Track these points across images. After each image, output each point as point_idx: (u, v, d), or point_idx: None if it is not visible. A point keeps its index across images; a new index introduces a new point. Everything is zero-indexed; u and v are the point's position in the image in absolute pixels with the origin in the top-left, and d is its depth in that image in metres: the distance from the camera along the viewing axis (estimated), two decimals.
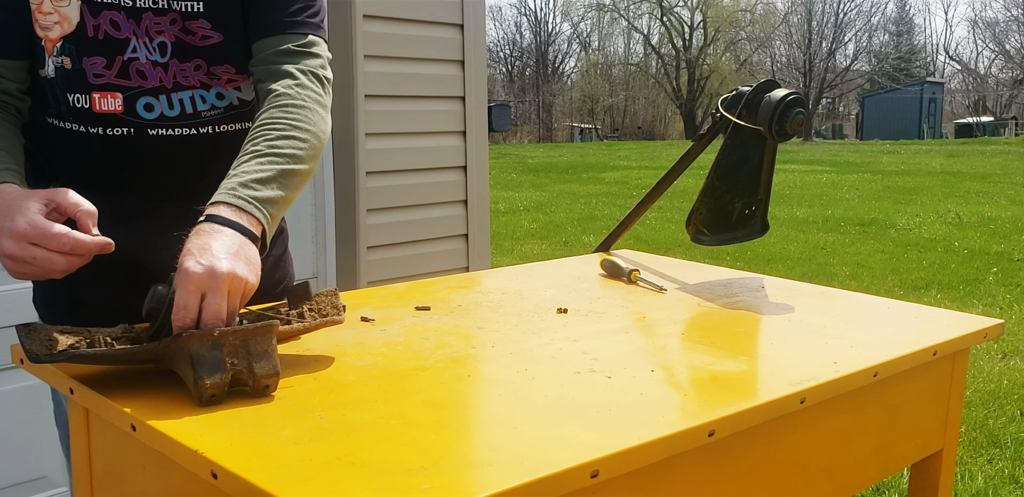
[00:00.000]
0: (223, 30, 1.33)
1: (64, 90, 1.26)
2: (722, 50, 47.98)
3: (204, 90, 1.34)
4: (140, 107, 1.30)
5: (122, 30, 1.26)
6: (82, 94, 1.26)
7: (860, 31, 46.87)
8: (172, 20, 1.30)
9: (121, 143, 1.29)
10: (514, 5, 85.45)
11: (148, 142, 1.31)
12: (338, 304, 1.21)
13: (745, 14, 47.36)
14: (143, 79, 1.29)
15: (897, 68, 46.51)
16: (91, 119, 1.27)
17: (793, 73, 43.54)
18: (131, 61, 1.28)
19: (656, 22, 48.78)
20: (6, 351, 1.28)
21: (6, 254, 1.04)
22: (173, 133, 1.32)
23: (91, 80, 1.26)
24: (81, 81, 1.26)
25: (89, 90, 1.26)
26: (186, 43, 1.31)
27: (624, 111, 48.12)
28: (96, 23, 1.25)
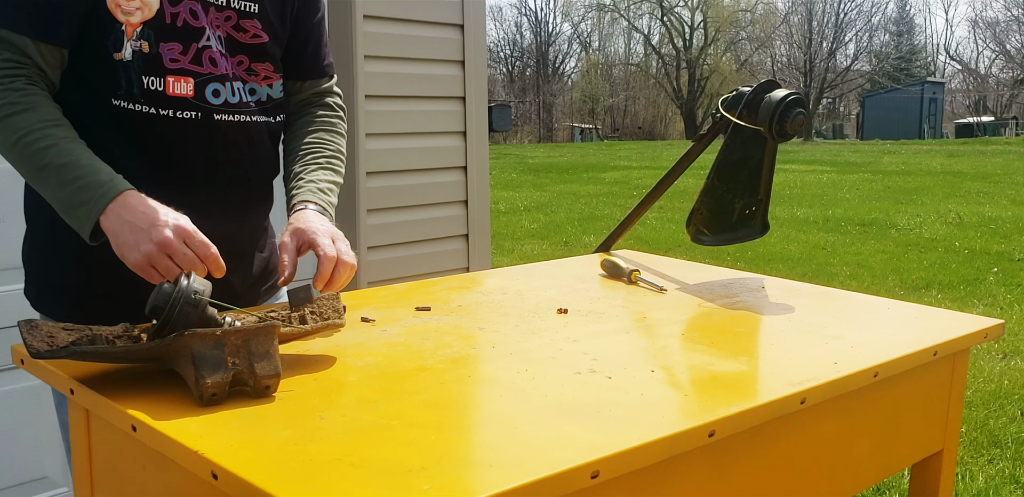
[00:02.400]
0: (270, 32, 1.45)
1: (140, 73, 1.32)
2: (722, 50, 47.99)
3: (241, 83, 1.43)
4: (208, 93, 1.37)
5: (199, 19, 1.35)
6: (157, 77, 1.32)
7: (860, 31, 46.90)
8: (228, 17, 1.39)
9: (189, 126, 1.36)
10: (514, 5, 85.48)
11: (213, 127, 1.39)
12: (339, 307, 1.21)
13: (745, 14, 47.36)
14: (214, 66, 1.38)
15: (898, 68, 46.51)
16: (163, 102, 1.34)
17: (793, 73, 43.54)
18: (204, 49, 1.36)
19: (656, 22, 48.82)
20: (6, 352, 1.29)
21: (161, 242, 1.16)
22: (233, 119, 1.41)
23: (167, 64, 1.33)
24: (157, 65, 1.32)
25: (164, 74, 1.33)
26: (235, 39, 1.41)
27: (624, 111, 48.12)
28: (175, 11, 1.33)
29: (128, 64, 1.31)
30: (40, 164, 1.22)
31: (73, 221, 1.23)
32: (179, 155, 1.38)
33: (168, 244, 1.16)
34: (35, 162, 1.22)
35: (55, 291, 1.44)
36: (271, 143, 1.51)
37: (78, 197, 1.21)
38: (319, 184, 1.46)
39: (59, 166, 1.21)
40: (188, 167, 1.39)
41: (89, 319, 1.18)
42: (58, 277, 1.42)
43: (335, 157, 1.54)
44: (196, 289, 1.05)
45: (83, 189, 1.21)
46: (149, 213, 1.19)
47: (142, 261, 1.17)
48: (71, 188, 1.21)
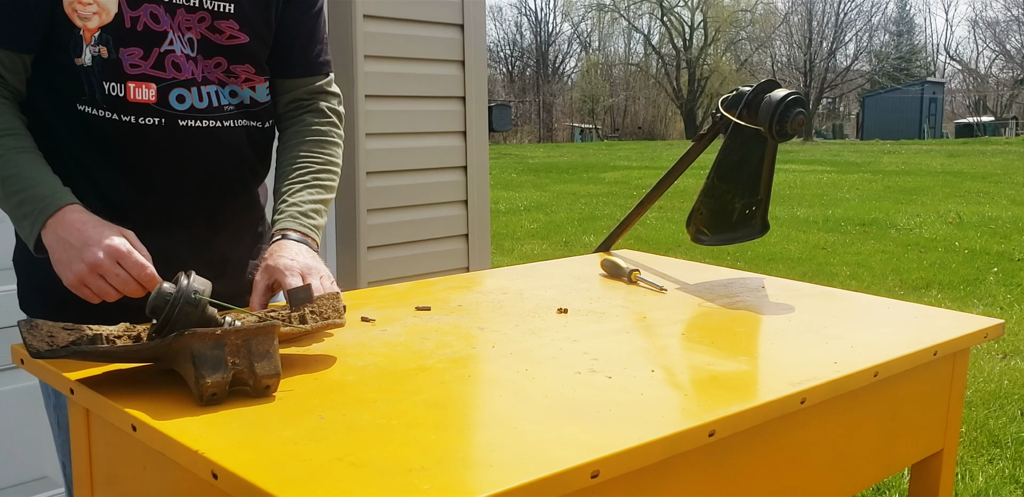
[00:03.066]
0: (250, 32, 1.40)
1: (100, 78, 1.29)
2: (722, 50, 47.98)
3: (220, 87, 1.39)
4: (173, 98, 1.34)
5: (161, 23, 1.31)
6: (117, 83, 1.30)
7: (860, 31, 46.89)
8: (201, 18, 1.35)
9: (152, 133, 1.33)
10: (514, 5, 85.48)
11: (178, 133, 1.36)
12: (339, 307, 1.21)
13: (745, 14, 47.35)
14: (177, 71, 1.34)
15: (897, 68, 46.49)
16: (125, 108, 1.31)
17: (793, 73, 43.53)
18: (167, 53, 1.33)
19: (656, 22, 48.81)
20: (6, 351, 1.29)
21: (93, 263, 1.13)
22: (201, 124, 1.37)
23: (127, 70, 1.30)
24: (117, 70, 1.29)
25: (124, 79, 1.30)
26: (211, 41, 1.37)
27: (624, 111, 48.11)
28: (135, 15, 1.29)
29: (89, 69, 1.29)
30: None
31: (21, 233, 1.23)
32: (145, 161, 1.36)
33: (99, 265, 1.14)
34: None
35: (38, 292, 1.41)
36: (253, 149, 1.47)
37: (20, 210, 1.20)
38: (301, 207, 1.40)
39: (4, 178, 1.20)
40: (155, 173, 1.37)
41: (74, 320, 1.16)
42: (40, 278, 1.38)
43: (324, 171, 1.47)
44: (196, 289, 1.05)
45: (24, 202, 1.20)
46: (85, 231, 1.16)
47: (74, 281, 1.16)
48: (15, 200, 1.20)
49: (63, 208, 1.19)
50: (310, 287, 1.22)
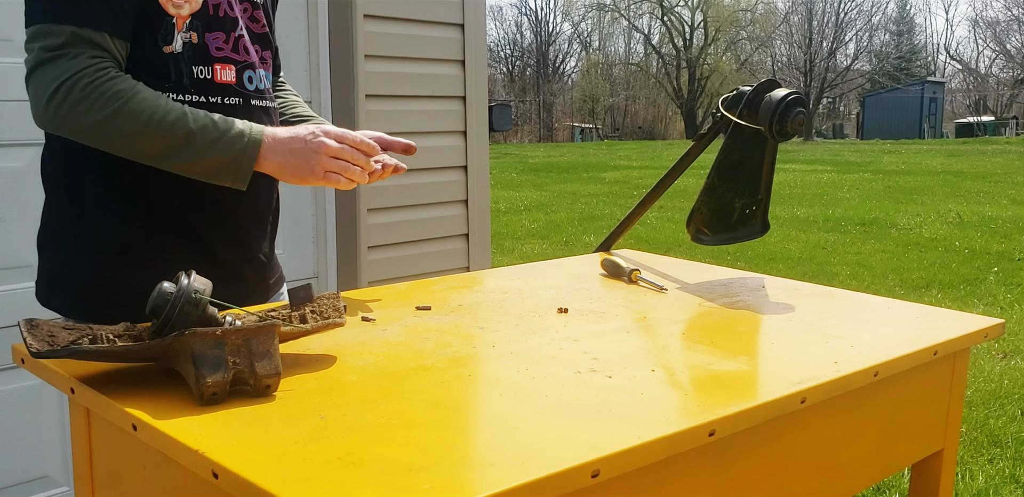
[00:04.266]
0: (270, 23, 1.53)
1: (190, 63, 1.36)
2: (723, 50, 47.98)
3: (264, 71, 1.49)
4: (245, 79, 1.44)
5: (234, 10, 1.42)
6: (205, 66, 1.38)
7: (861, 31, 46.89)
8: (245, 8, 1.46)
9: (231, 112, 1.37)
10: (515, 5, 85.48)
11: (252, 113, 1.43)
12: (339, 306, 1.21)
13: (746, 14, 47.35)
14: (247, 54, 1.45)
15: (898, 68, 46.49)
16: (211, 89, 1.39)
17: (794, 73, 43.53)
18: (239, 38, 1.43)
19: (657, 22, 48.82)
20: (7, 351, 1.29)
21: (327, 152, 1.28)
22: (262, 104, 1.48)
23: (213, 53, 1.39)
24: (205, 54, 1.38)
25: (212, 62, 1.39)
26: (251, 30, 1.47)
27: (625, 111, 48.11)
28: (216, 2, 1.39)
29: (179, 55, 1.35)
30: (181, 134, 1.25)
31: (227, 175, 1.29)
32: None
33: (332, 150, 1.28)
34: (175, 134, 1.25)
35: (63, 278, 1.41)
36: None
37: (229, 151, 1.27)
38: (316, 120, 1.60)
39: (198, 130, 1.26)
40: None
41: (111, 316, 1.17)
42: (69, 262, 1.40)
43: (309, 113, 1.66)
44: (196, 289, 1.05)
45: (232, 142, 1.27)
46: (299, 135, 1.30)
47: (321, 173, 1.29)
48: (219, 146, 1.27)
49: (264, 132, 1.30)
50: (310, 287, 1.23)
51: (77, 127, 1.25)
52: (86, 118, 1.23)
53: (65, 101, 1.23)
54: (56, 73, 1.23)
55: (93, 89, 1.23)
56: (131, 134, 1.25)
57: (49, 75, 1.24)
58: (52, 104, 1.24)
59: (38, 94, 1.26)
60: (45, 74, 1.24)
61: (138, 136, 1.25)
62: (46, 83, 1.24)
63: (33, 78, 1.26)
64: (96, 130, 1.25)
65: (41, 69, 1.25)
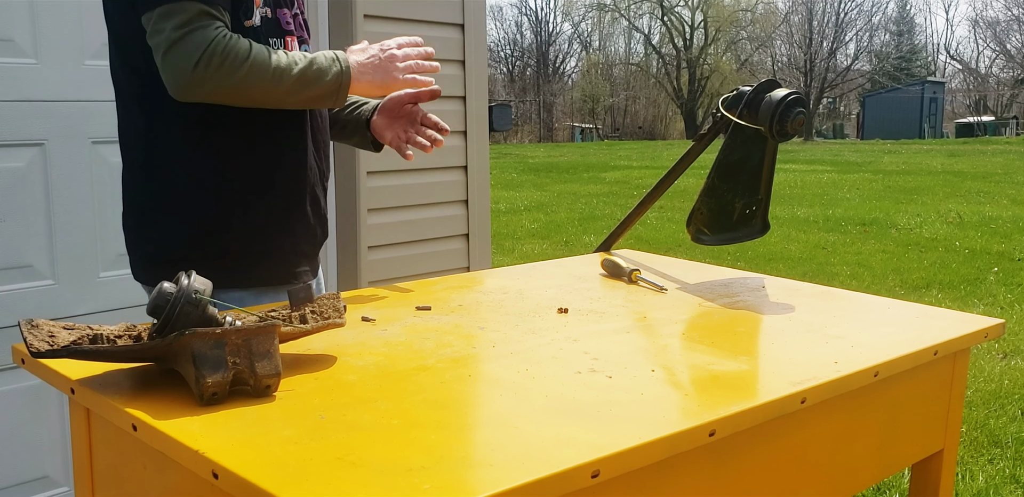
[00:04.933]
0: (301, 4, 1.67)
1: (266, 36, 1.52)
2: (723, 50, 47.97)
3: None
4: (303, 51, 1.57)
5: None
6: (278, 38, 1.55)
7: (861, 30, 46.87)
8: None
9: None
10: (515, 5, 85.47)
11: None
12: (339, 306, 1.21)
13: (746, 14, 47.34)
14: (303, 31, 1.62)
15: (898, 68, 46.47)
16: None
17: (794, 73, 43.51)
18: (297, 15, 1.60)
19: (657, 22, 48.80)
20: (6, 351, 1.29)
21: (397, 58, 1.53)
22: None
23: (284, 27, 1.56)
24: (278, 28, 1.54)
25: (283, 35, 1.56)
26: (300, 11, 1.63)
27: (625, 111, 48.10)
28: None
29: (257, 29, 1.50)
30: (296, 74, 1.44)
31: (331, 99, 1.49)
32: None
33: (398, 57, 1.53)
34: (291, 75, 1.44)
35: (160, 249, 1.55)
36: None
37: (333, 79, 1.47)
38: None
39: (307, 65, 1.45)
40: (305, 116, 1.60)
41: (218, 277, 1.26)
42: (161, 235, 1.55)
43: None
44: (196, 289, 1.05)
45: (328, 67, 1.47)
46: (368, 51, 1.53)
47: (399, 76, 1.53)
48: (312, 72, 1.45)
49: (347, 58, 1.50)
50: (310, 287, 1.23)
51: (224, 86, 1.41)
52: (230, 78, 1.40)
53: (210, 65, 1.38)
54: (196, 44, 1.38)
55: (228, 52, 1.39)
56: (263, 83, 1.42)
57: (190, 47, 1.38)
58: (198, 70, 1.38)
59: (180, 66, 1.38)
60: (185, 46, 1.38)
61: (268, 84, 1.43)
62: (188, 54, 1.38)
63: (171, 53, 1.39)
64: (239, 85, 1.41)
65: (180, 43, 1.38)
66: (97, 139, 2.18)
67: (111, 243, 2.23)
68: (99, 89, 2.17)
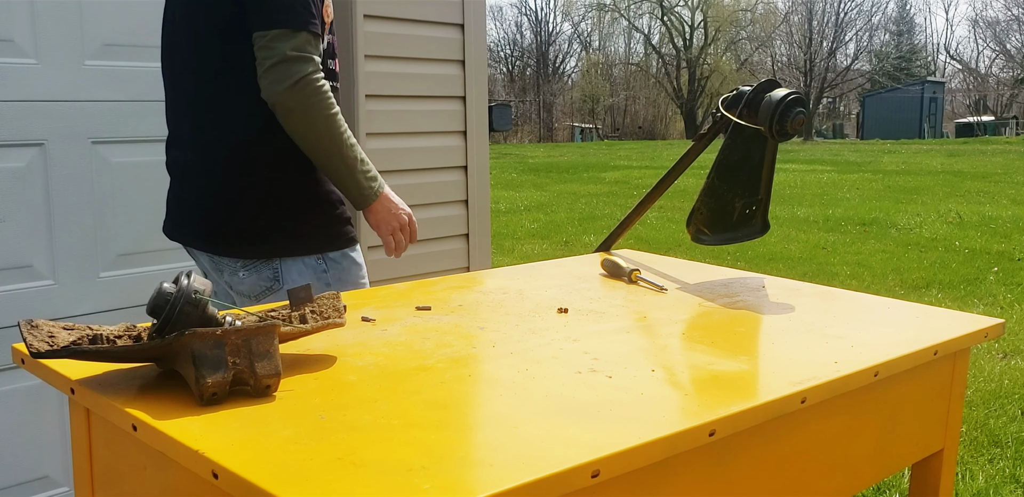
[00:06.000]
0: None
1: (327, 57, 1.81)
2: (723, 50, 47.97)
3: None
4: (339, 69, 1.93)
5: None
6: (332, 59, 1.86)
7: (861, 30, 46.86)
8: None
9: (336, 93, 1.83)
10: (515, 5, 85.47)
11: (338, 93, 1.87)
12: (339, 306, 1.21)
13: (746, 14, 47.33)
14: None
15: (898, 67, 46.46)
16: (333, 76, 1.86)
17: (794, 73, 43.51)
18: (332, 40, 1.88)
19: (657, 22, 48.80)
20: (7, 351, 1.30)
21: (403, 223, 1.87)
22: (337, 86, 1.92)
23: (334, 51, 1.88)
24: (332, 50, 1.86)
25: (335, 56, 1.88)
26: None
27: (625, 111, 48.10)
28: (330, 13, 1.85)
29: (325, 50, 1.79)
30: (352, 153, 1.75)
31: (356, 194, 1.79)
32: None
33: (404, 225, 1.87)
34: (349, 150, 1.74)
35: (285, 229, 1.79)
36: None
37: (368, 182, 1.78)
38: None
39: (362, 157, 1.77)
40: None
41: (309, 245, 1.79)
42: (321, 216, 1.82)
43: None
44: (196, 289, 1.05)
45: (372, 179, 1.79)
46: (395, 202, 1.85)
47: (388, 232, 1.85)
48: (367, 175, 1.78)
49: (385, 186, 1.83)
50: (309, 287, 1.23)
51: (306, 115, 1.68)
52: (317, 114, 1.68)
53: (304, 92, 1.66)
54: (299, 69, 1.66)
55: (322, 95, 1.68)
56: (329, 138, 1.71)
57: (295, 69, 1.65)
58: (292, 93, 1.65)
59: (280, 81, 1.65)
60: (292, 67, 1.65)
61: (330, 141, 1.72)
62: (291, 75, 1.65)
63: (278, 68, 1.65)
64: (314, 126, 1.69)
65: (287, 63, 1.65)
66: (97, 139, 2.18)
67: (111, 243, 2.23)
68: (99, 89, 2.17)
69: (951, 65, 52.72)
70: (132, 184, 2.25)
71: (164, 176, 2.33)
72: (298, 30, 1.66)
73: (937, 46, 56.66)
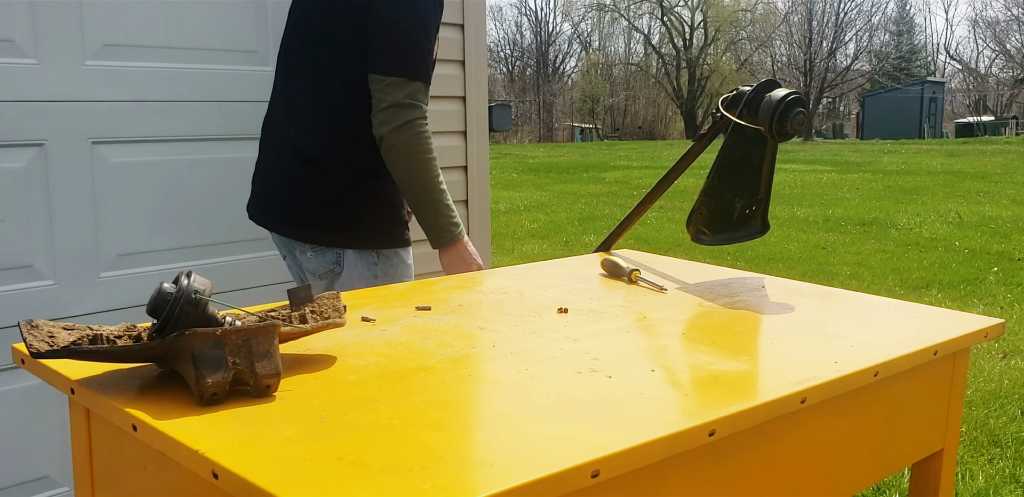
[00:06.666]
0: None
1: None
2: (722, 50, 47.96)
3: None
4: None
5: None
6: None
7: (861, 31, 46.85)
8: None
9: None
10: (515, 5, 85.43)
11: None
12: (339, 306, 1.21)
13: (746, 14, 47.32)
14: None
15: (898, 68, 46.46)
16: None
17: (793, 73, 43.50)
18: None
19: (656, 22, 48.79)
20: (7, 351, 1.30)
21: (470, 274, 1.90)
22: None
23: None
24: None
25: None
26: None
27: (625, 111, 48.09)
28: None
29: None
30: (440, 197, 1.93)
31: (436, 234, 1.95)
32: None
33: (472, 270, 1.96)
34: (438, 194, 1.92)
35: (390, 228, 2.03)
36: None
37: (448, 226, 1.95)
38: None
39: (448, 203, 1.94)
40: None
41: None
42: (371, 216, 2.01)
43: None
44: (196, 289, 1.05)
45: (454, 224, 1.96)
46: (471, 252, 2.00)
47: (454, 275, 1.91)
48: (450, 219, 1.95)
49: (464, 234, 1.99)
50: (309, 287, 1.23)
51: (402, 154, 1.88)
52: (414, 155, 1.88)
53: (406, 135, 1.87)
54: (406, 115, 1.87)
55: (423, 139, 1.89)
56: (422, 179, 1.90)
57: (403, 114, 1.87)
58: (398, 133, 1.87)
59: (388, 123, 1.87)
60: (400, 112, 1.87)
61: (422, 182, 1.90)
62: (399, 119, 1.87)
63: (389, 111, 1.87)
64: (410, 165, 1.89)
65: (397, 108, 1.87)
66: (97, 139, 2.19)
67: (111, 243, 2.23)
68: (99, 89, 2.17)
69: (951, 65, 52.77)
70: (132, 184, 2.25)
71: (164, 176, 2.33)
72: (413, 80, 1.88)
73: (937, 46, 56.72)
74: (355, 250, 1.99)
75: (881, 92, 40.33)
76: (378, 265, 2.01)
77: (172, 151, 2.31)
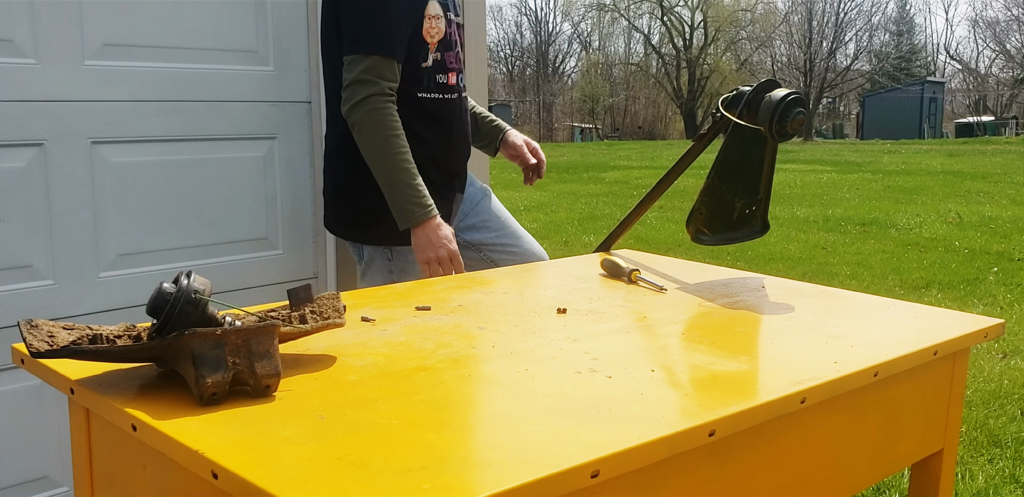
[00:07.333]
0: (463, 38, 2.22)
1: (435, 72, 2.07)
2: (722, 50, 47.95)
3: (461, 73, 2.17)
4: (460, 81, 2.16)
5: (455, 35, 2.13)
6: (443, 74, 2.09)
7: (861, 31, 46.84)
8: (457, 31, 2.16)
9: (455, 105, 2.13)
10: (514, 5, 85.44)
11: (461, 104, 2.17)
12: (339, 306, 1.21)
13: (746, 14, 47.31)
14: (460, 64, 2.16)
15: (898, 68, 46.45)
16: (445, 90, 2.10)
17: (793, 73, 43.49)
18: (457, 52, 2.14)
19: (656, 22, 48.78)
20: (6, 351, 1.30)
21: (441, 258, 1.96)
22: (462, 97, 2.18)
23: (448, 65, 2.10)
24: (444, 66, 2.09)
25: (447, 71, 2.10)
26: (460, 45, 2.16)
27: (624, 111, 48.08)
28: (450, 31, 2.11)
29: (430, 68, 2.05)
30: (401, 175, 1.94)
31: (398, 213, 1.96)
32: (455, 126, 2.15)
33: (443, 260, 1.96)
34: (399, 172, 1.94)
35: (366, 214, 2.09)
36: None
37: (410, 206, 1.94)
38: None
39: (411, 183, 1.94)
40: (459, 130, 2.16)
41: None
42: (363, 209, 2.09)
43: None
44: (196, 289, 1.05)
45: (417, 204, 1.95)
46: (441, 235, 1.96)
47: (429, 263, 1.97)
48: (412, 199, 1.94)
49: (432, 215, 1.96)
50: (309, 287, 1.23)
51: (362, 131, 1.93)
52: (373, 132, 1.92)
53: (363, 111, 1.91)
54: (362, 91, 1.91)
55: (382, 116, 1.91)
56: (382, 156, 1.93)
57: (359, 91, 1.92)
58: (355, 110, 1.92)
59: (348, 100, 1.93)
60: (358, 89, 1.92)
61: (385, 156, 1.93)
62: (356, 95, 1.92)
63: (349, 89, 1.93)
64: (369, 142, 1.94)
65: (355, 85, 1.92)
66: (97, 139, 2.18)
67: (111, 243, 2.23)
68: (99, 89, 2.17)
69: (951, 65, 52.76)
70: (132, 184, 2.25)
71: (164, 176, 2.33)
72: (368, 55, 1.91)
73: (937, 46, 56.69)
74: (372, 246, 2.08)
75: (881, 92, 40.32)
76: (393, 261, 2.07)
77: (172, 151, 2.31)
